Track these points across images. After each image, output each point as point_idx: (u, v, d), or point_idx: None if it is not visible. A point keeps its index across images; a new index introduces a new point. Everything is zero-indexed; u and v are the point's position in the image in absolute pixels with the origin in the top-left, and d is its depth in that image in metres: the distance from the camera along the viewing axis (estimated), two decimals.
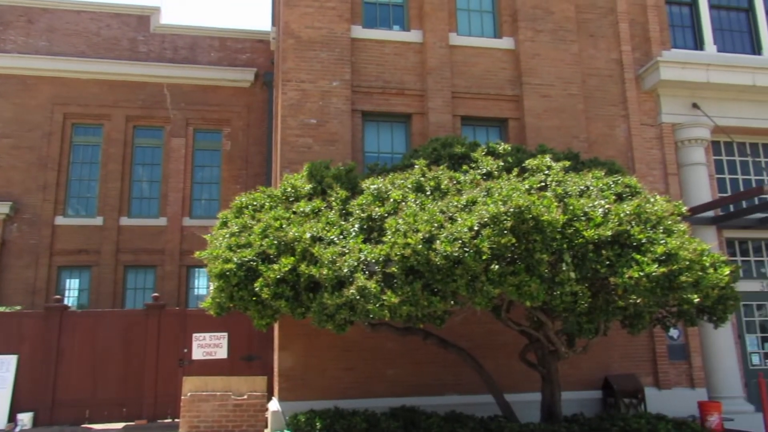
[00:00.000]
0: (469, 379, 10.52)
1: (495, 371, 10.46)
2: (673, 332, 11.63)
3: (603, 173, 8.27)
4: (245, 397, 9.61)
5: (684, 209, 7.83)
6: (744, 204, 12.32)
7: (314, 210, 8.17)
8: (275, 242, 7.67)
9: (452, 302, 6.86)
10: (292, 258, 7.48)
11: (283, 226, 7.88)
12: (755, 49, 13.86)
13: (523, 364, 9.55)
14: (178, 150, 17.17)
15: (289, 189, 8.84)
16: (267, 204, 8.73)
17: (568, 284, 6.42)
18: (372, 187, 8.04)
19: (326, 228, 7.72)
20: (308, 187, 8.80)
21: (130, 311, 13.37)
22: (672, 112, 12.60)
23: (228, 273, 7.66)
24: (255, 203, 8.85)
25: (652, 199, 7.49)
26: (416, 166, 8.40)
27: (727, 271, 6.81)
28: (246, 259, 7.68)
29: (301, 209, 8.16)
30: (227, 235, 8.24)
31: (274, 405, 10.34)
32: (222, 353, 12.54)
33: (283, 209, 8.33)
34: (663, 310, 8.85)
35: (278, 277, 7.38)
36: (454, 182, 8.11)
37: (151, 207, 17.02)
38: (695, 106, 12.60)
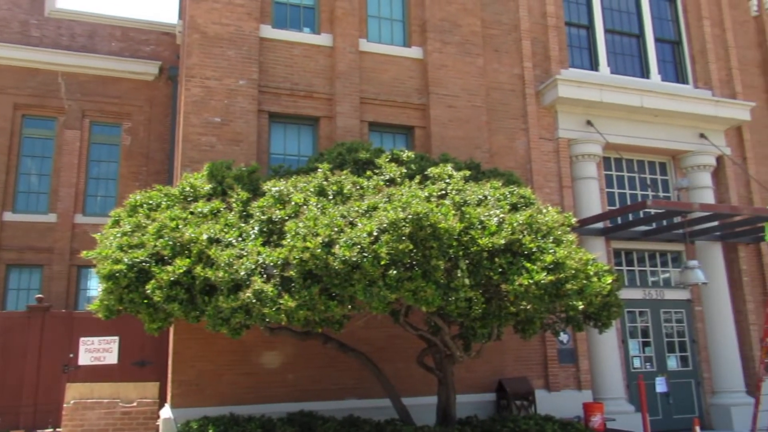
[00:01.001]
0: (369, 383, 10.57)
1: (394, 375, 10.57)
2: (563, 337, 12.20)
3: (500, 184, 8.57)
4: (135, 404, 9.20)
5: (573, 220, 8.25)
6: (630, 217, 13.13)
7: (213, 211, 7.96)
8: (170, 243, 7.41)
9: (350, 307, 6.88)
10: (188, 260, 7.25)
11: (180, 226, 7.63)
12: (644, 72, 14.84)
13: (421, 368, 9.72)
14: (72, 143, 16.23)
15: (188, 188, 8.57)
16: (164, 203, 8.42)
17: (462, 290, 6.59)
18: (274, 189, 7.94)
19: (225, 229, 7.54)
20: (208, 187, 8.56)
21: (10, 313, 12.50)
22: (568, 128, 13.26)
23: (117, 274, 7.31)
24: (151, 202, 8.51)
25: (544, 210, 7.83)
26: (320, 170, 8.36)
27: (609, 279, 7.22)
28: (138, 260, 7.37)
29: (199, 210, 7.93)
30: (118, 235, 7.87)
31: (166, 412, 9.95)
32: (112, 358, 11.91)
33: (180, 209, 8.06)
34: (553, 316, 9.27)
35: (172, 279, 7.13)
36: (357, 187, 8.14)
37: (39, 202, 15.97)
38: (589, 123, 13.32)
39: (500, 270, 6.73)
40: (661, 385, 12.28)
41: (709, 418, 13.41)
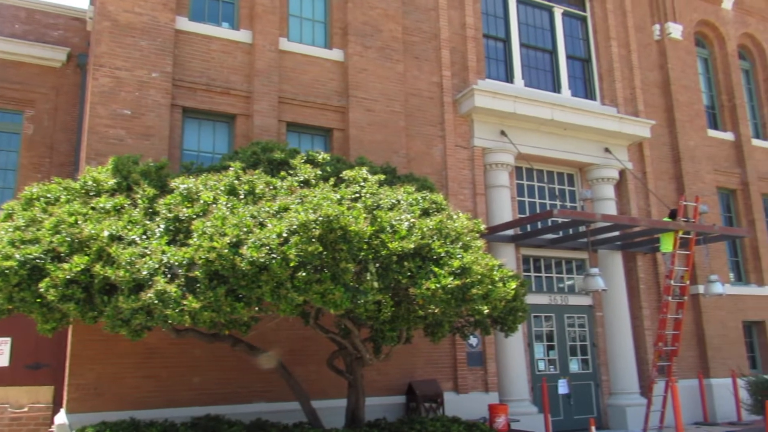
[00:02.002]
0: (279, 386, 10.44)
1: (305, 378, 10.50)
2: (473, 340, 12.49)
3: (414, 189, 8.68)
4: (25, 409, 8.67)
5: (483, 227, 8.46)
6: (539, 225, 13.63)
7: (116, 207, 7.63)
8: (68, 239, 7.04)
9: (257, 308, 6.77)
10: (86, 257, 6.91)
11: (79, 222, 7.26)
12: (556, 87, 15.47)
13: (331, 370, 9.69)
14: None
15: (90, 182, 8.17)
16: (63, 197, 7.99)
17: (371, 293, 6.62)
18: (182, 186, 7.70)
19: (128, 227, 7.24)
20: (112, 181, 8.20)
21: None
22: (483, 137, 13.62)
23: (7, 271, 6.87)
24: (49, 195, 8.06)
25: (455, 216, 8.00)
26: (231, 169, 8.19)
27: (513, 285, 7.46)
28: (31, 257, 6.95)
29: (101, 205, 7.58)
30: (10, 229, 7.40)
31: (60, 418, 9.43)
32: (3, 360, 11.20)
33: (80, 204, 7.67)
34: (462, 320, 9.50)
35: (68, 277, 6.78)
36: (270, 187, 8.03)
37: None
38: (503, 133, 13.73)
39: (409, 274, 6.82)
40: (563, 387, 12.83)
41: (606, 418, 14.11)
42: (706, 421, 14.71)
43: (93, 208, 7.65)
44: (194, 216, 7.30)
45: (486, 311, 7.08)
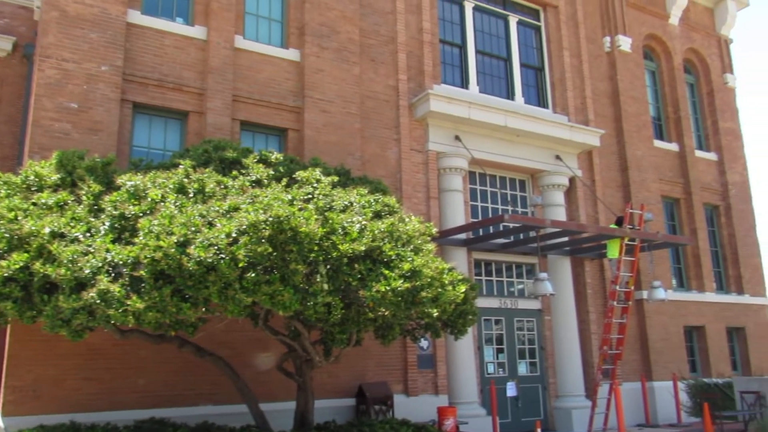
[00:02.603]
0: (227, 389, 10.28)
1: (254, 380, 10.37)
2: (424, 343, 12.58)
3: (367, 191, 8.69)
4: None
5: (434, 231, 8.53)
6: (491, 229, 13.83)
7: (59, 203, 7.40)
8: (6, 236, 6.80)
9: (204, 309, 6.66)
10: (26, 255, 6.68)
11: (19, 218, 7.01)
12: (510, 94, 15.73)
13: (281, 373, 9.60)
14: None
15: (33, 177, 7.91)
16: (3, 192, 7.71)
17: (321, 295, 6.60)
18: (129, 183, 7.52)
19: (71, 224, 7.03)
20: (56, 177, 7.95)
21: None
22: (437, 141, 13.74)
23: None
24: None
25: (407, 219, 8.04)
26: (181, 167, 8.04)
27: (463, 288, 7.54)
28: None
29: (43, 201, 7.34)
30: None
31: None
32: None
33: (21, 199, 7.42)
34: (413, 322, 9.54)
35: (5, 275, 6.54)
36: (221, 187, 7.92)
37: None
38: (457, 138, 13.88)
39: (359, 276, 6.82)
40: (511, 390, 13.01)
41: (553, 420, 14.39)
42: (647, 423, 15.17)
43: (34, 204, 7.40)
44: (141, 214, 7.14)
45: (435, 314, 7.13)
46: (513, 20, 16.20)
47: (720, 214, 19.10)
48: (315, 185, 8.39)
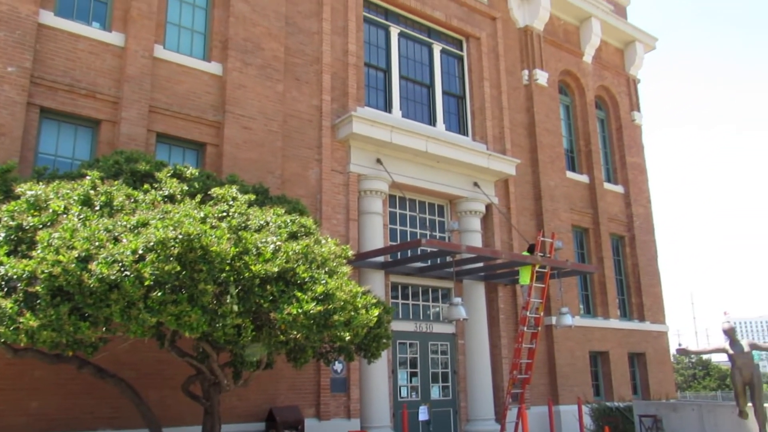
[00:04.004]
0: (128, 413, 9.78)
1: (160, 403, 9.94)
2: (337, 366, 12.46)
3: (284, 211, 8.57)
4: None
5: (350, 253, 8.50)
6: (409, 253, 13.95)
7: None
8: None
9: (104, 329, 6.32)
10: None
11: None
12: (431, 120, 16.06)
13: (187, 396, 9.23)
14: None
15: None
16: None
17: (231, 317, 6.41)
18: (29, 193, 7.09)
19: None
20: None
21: None
22: (359, 164, 13.79)
23: None
24: None
25: (323, 241, 7.98)
26: (88, 177, 7.66)
27: (376, 312, 7.53)
28: None
29: None
30: None
31: None
32: None
33: None
34: (327, 345, 9.43)
35: None
36: (131, 200, 7.60)
37: None
38: (379, 161, 13.99)
39: (271, 298, 6.68)
40: (423, 414, 13.05)
41: None
42: None
43: None
44: (40, 226, 6.73)
45: (348, 338, 7.08)
46: (437, 48, 16.61)
47: (625, 244, 20.13)
48: (231, 203, 8.20)
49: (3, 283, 6.25)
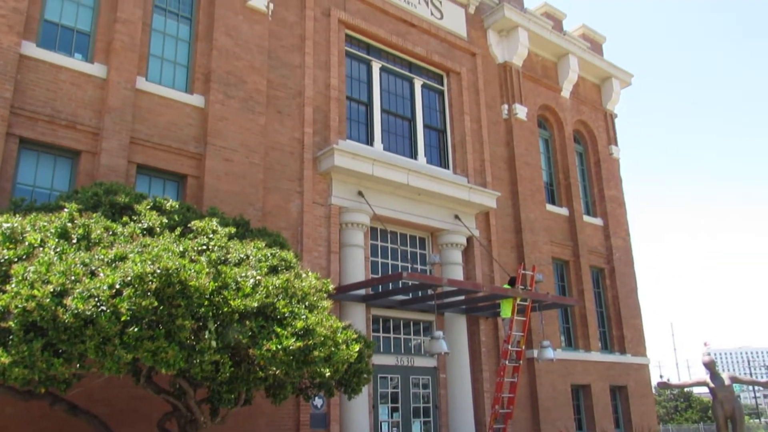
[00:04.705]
0: None
1: None
2: (318, 401, 12.27)
3: (265, 244, 8.51)
4: None
5: (331, 287, 8.44)
6: (391, 286, 13.90)
7: None
8: None
9: (78, 365, 6.17)
10: None
11: None
12: (413, 153, 16.18)
13: None
14: None
15: None
16: None
17: (208, 353, 6.30)
18: (5, 225, 6.97)
19: None
20: None
21: None
22: (340, 196, 13.81)
23: None
24: None
25: (303, 275, 7.92)
26: (66, 210, 7.57)
27: (357, 347, 7.45)
28: None
29: None
30: None
31: None
32: None
33: None
34: (306, 381, 9.29)
35: None
36: (110, 233, 7.50)
37: None
38: (360, 193, 14.02)
39: (250, 333, 6.59)
40: None
41: None
42: None
43: None
44: (16, 259, 6.61)
45: (328, 374, 6.97)
46: (418, 83, 16.83)
47: (605, 277, 20.26)
48: (210, 236, 8.13)
49: None
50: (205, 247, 7.73)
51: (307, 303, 7.22)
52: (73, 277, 6.08)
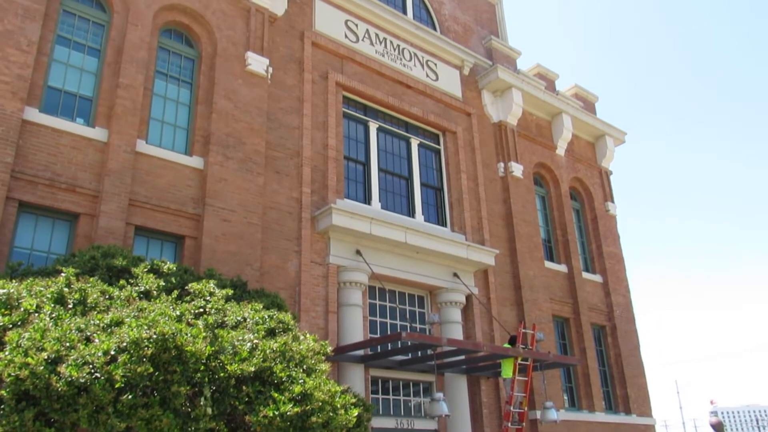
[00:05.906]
0: None
1: None
2: None
3: (263, 306, 8.46)
4: None
5: (329, 349, 8.34)
6: (389, 346, 13.72)
7: None
8: None
9: None
10: None
11: None
12: (410, 212, 16.27)
13: None
14: None
15: None
16: None
17: (204, 420, 6.17)
18: (1, 291, 6.93)
19: None
20: None
21: None
22: (339, 255, 13.80)
23: None
24: None
25: (301, 337, 7.84)
26: (63, 274, 7.55)
27: (356, 412, 7.30)
28: None
29: None
30: None
31: None
32: None
33: None
34: None
35: None
36: (106, 297, 7.46)
37: None
38: (358, 252, 14.02)
39: (247, 399, 6.47)
40: None
41: None
42: None
43: None
44: (10, 326, 6.54)
45: None
46: (414, 142, 17.08)
47: (607, 334, 20.04)
48: (208, 298, 8.09)
49: None
50: (202, 310, 7.68)
51: (305, 366, 7.11)
52: (68, 344, 6.01)
